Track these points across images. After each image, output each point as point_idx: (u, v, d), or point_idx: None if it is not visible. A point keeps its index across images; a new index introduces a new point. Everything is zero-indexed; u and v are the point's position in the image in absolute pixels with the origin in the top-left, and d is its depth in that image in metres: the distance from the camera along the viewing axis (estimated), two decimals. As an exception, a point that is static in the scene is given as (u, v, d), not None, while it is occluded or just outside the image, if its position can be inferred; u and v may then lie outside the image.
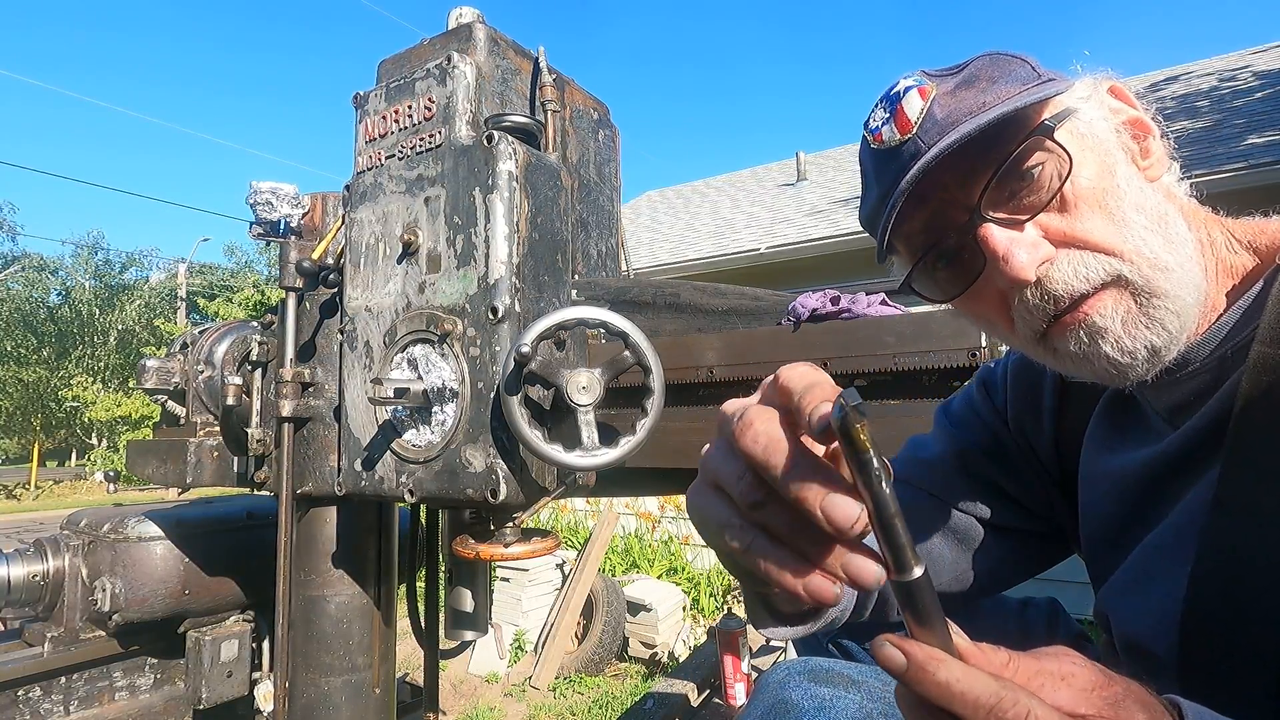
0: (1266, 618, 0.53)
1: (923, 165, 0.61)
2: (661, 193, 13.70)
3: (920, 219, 0.66)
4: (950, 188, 0.64)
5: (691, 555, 6.36)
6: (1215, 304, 0.64)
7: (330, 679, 1.50)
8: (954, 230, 0.65)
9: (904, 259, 0.71)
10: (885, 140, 0.66)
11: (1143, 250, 0.60)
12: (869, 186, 0.71)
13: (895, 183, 0.64)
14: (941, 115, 0.62)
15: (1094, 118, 0.64)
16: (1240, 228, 0.67)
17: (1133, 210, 0.61)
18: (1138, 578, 0.67)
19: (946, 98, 0.63)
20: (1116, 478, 0.71)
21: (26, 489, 21.77)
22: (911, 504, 0.87)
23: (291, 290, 1.43)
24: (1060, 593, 0.94)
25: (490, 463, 1.12)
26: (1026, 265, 0.60)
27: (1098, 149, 0.63)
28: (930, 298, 0.71)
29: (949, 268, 0.67)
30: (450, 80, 1.24)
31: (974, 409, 0.89)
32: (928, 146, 0.62)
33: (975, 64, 0.65)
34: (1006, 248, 0.61)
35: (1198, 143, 6.15)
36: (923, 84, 0.65)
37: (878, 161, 0.67)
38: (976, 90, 0.63)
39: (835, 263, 6.72)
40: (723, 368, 1.27)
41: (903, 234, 0.68)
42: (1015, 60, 0.65)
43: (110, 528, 1.75)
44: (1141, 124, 0.67)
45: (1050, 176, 0.61)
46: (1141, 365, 0.61)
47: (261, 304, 14.60)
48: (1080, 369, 0.64)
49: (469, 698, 4.32)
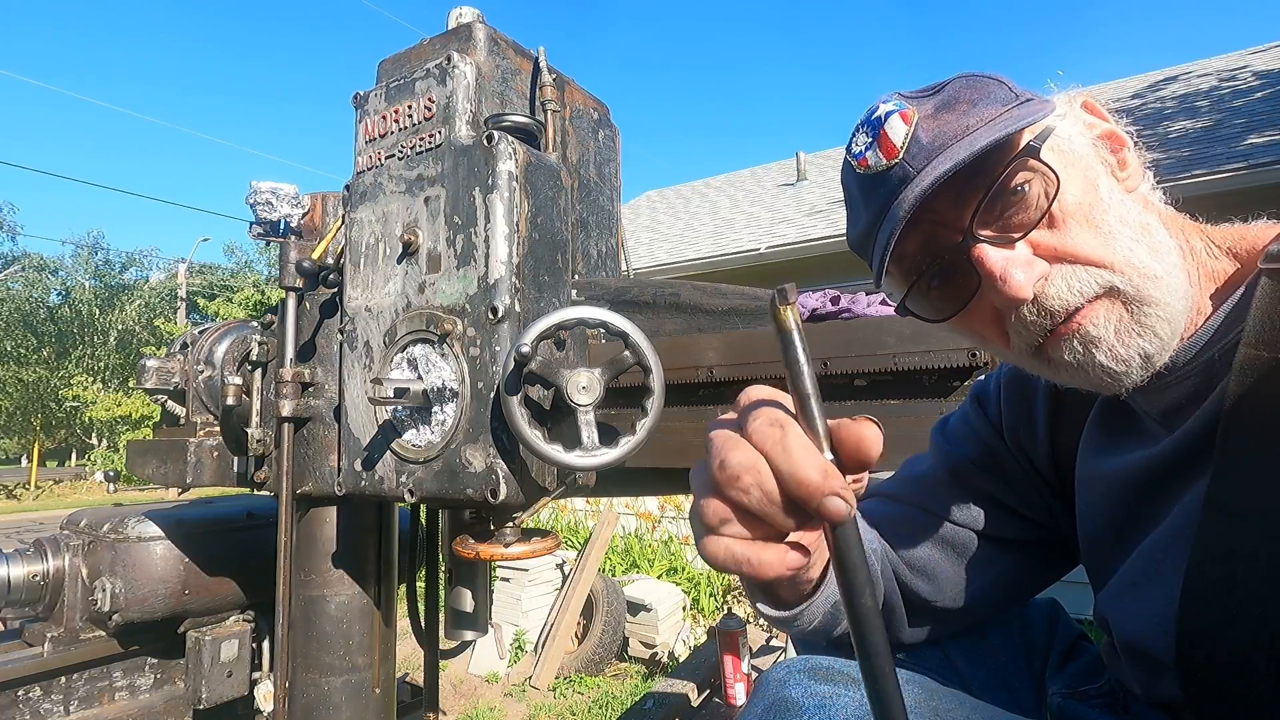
0: (1261, 617, 0.53)
1: (920, 193, 0.62)
2: (661, 193, 13.70)
3: (913, 242, 0.67)
4: (941, 210, 0.65)
5: (691, 555, 6.35)
6: (1200, 309, 0.65)
7: (330, 679, 1.50)
8: (947, 251, 0.66)
9: (898, 280, 0.72)
10: (871, 165, 0.66)
11: (1131, 260, 0.61)
12: (856, 211, 0.72)
13: (886, 207, 0.65)
14: (927, 140, 0.63)
15: (1072, 134, 0.66)
16: (1219, 234, 0.68)
17: (1118, 222, 0.63)
18: (1135, 580, 0.67)
19: (929, 121, 0.64)
20: (1112, 481, 0.72)
21: (26, 489, 21.77)
22: (904, 520, 0.88)
23: (291, 290, 1.43)
24: (1060, 593, 0.94)
25: (490, 463, 1.12)
26: (1024, 284, 0.61)
27: (1079, 165, 0.64)
28: (925, 318, 0.72)
29: (943, 288, 0.68)
30: (450, 80, 1.24)
31: (968, 424, 0.90)
32: (916, 171, 0.63)
33: (952, 86, 0.66)
34: (1003, 267, 0.62)
35: (1198, 143, 6.15)
36: (903, 108, 0.66)
37: (865, 186, 0.68)
38: (958, 113, 0.64)
39: (835, 263, 6.72)
40: (723, 368, 1.27)
41: (896, 257, 0.68)
42: (992, 81, 0.66)
43: (110, 528, 1.76)
44: (1116, 137, 0.68)
45: (1038, 195, 0.62)
46: (1135, 372, 0.62)
47: (261, 304, 14.61)
48: (1076, 379, 0.65)
49: (469, 698, 4.32)
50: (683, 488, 1.29)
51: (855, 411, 1.17)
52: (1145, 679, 0.67)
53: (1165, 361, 0.62)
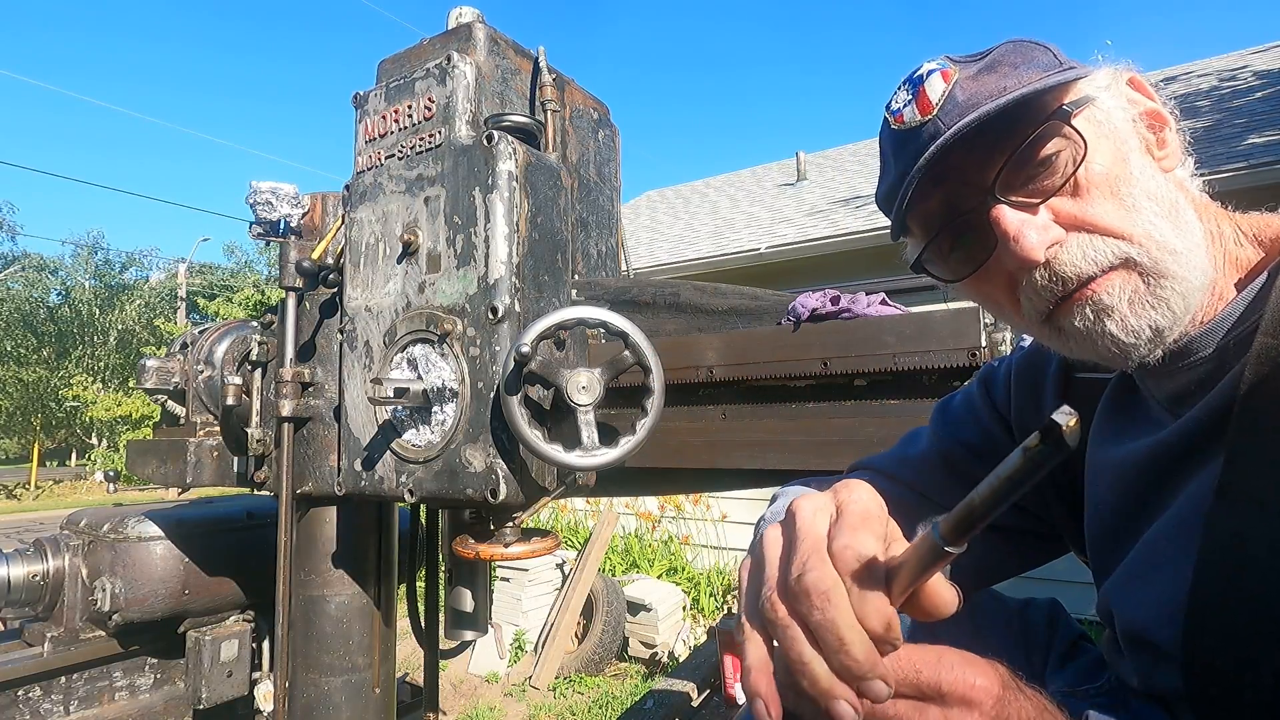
0: (1271, 606, 0.53)
1: (941, 143, 0.62)
2: (661, 193, 13.69)
3: (936, 199, 0.67)
4: (966, 169, 0.65)
5: (691, 555, 6.35)
6: (1222, 295, 0.64)
7: (330, 679, 1.50)
8: (968, 211, 0.66)
9: (917, 238, 0.72)
10: (906, 121, 0.67)
11: (1152, 234, 0.61)
12: (887, 166, 0.73)
13: (913, 162, 0.65)
14: (963, 98, 0.64)
15: (1112, 107, 0.65)
16: (1247, 222, 0.68)
17: (1144, 197, 0.62)
18: (1142, 568, 0.67)
19: (969, 81, 0.64)
20: (1120, 468, 0.71)
21: (26, 489, 21.76)
22: (894, 499, 0.88)
23: (291, 290, 1.42)
24: (1060, 593, 0.94)
25: (490, 463, 1.12)
26: (1036, 246, 0.61)
27: (1113, 137, 0.64)
28: (940, 277, 0.72)
29: (961, 248, 0.69)
30: (450, 80, 1.24)
31: (971, 407, 0.90)
32: (947, 128, 0.63)
33: (999, 50, 0.67)
34: (1018, 229, 0.62)
35: (1198, 143, 6.12)
36: (946, 68, 0.66)
37: (897, 142, 0.69)
38: (999, 75, 0.64)
39: (835, 263, 6.71)
40: (723, 368, 1.27)
41: (918, 213, 0.69)
42: (1038, 47, 0.66)
43: (110, 528, 1.75)
44: (1159, 116, 0.68)
45: (1065, 161, 0.62)
46: (1144, 346, 0.62)
47: (261, 304, 14.61)
48: (1084, 348, 0.65)
49: (469, 698, 4.32)
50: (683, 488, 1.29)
51: (855, 412, 1.18)
52: (1145, 669, 0.67)
53: (1176, 338, 0.62)
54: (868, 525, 0.51)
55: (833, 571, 0.48)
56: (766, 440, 1.23)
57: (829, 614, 0.46)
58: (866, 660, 0.45)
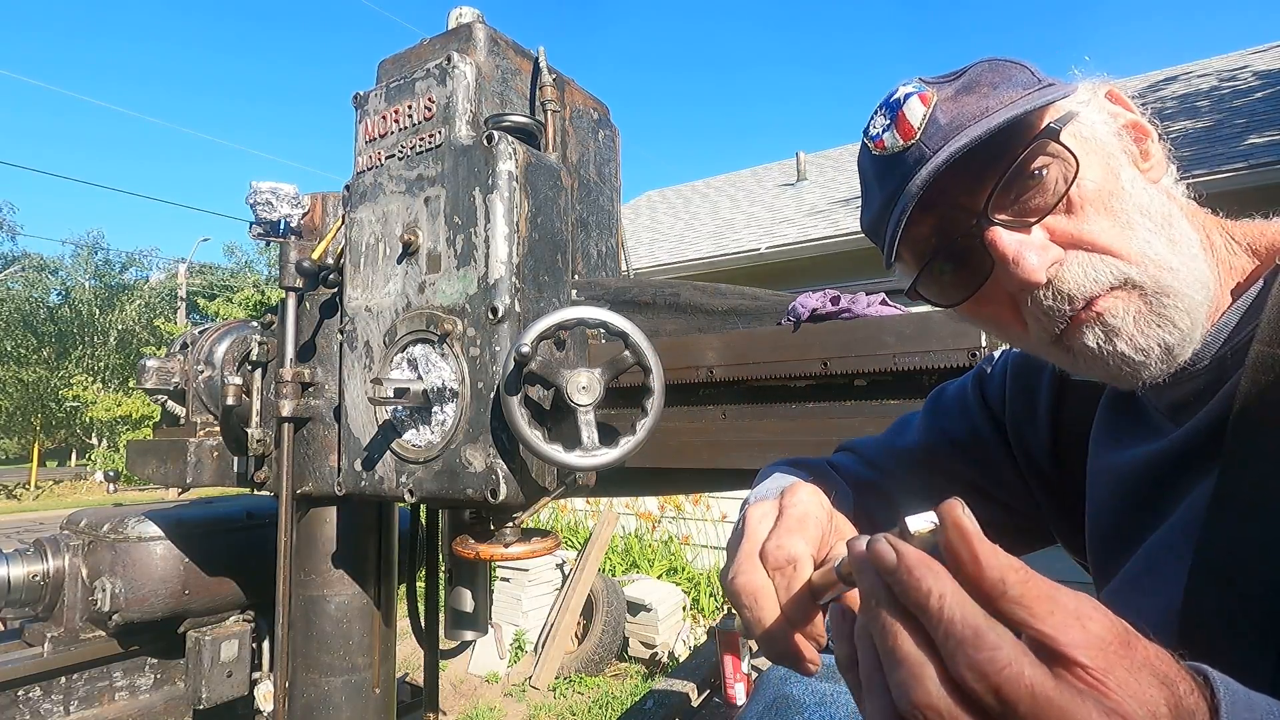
0: (1263, 616, 0.53)
1: (933, 169, 0.61)
2: (661, 193, 13.70)
3: (926, 224, 0.66)
4: (956, 193, 0.64)
5: (691, 555, 6.36)
6: (1219, 305, 0.64)
7: (330, 679, 1.50)
8: (960, 234, 0.65)
9: (909, 264, 0.71)
10: (888, 146, 0.66)
11: (1148, 253, 0.60)
12: (871, 193, 0.71)
13: (900, 189, 0.65)
14: (945, 121, 0.63)
15: (1095, 121, 0.65)
16: (1239, 229, 0.67)
17: (1137, 213, 0.62)
18: (1140, 576, 0.67)
19: (948, 103, 0.64)
20: (1120, 473, 0.71)
21: (26, 489, 21.78)
22: (873, 488, 0.89)
23: (291, 290, 1.43)
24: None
25: (490, 463, 1.12)
26: (1037, 268, 0.60)
27: (1101, 152, 0.63)
28: (936, 303, 0.71)
29: (955, 272, 0.68)
30: (450, 80, 1.24)
31: (962, 403, 0.90)
32: (932, 152, 0.62)
33: (974, 70, 0.66)
34: (1016, 250, 0.61)
35: (1198, 143, 6.15)
36: (923, 90, 0.65)
37: (880, 168, 0.68)
38: (978, 95, 0.63)
39: (835, 263, 6.71)
40: (723, 368, 1.27)
41: (909, 239, 0.68)
42: (1014, 66, 0.65)
43: (110, 528, 1.76)
44: (1140, 127, 0.67)
45: (1056, 179, 0.61)
46: (1155, 364, 0.61)
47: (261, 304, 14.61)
48: (1095, 369, 0.64)
49: (469, 698, 4.32)
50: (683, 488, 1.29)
51: (855, 412, 1.18)
52: None
53: (1187, 356, 0.61)
54: (802, 528, 0.57)
55: (762, 574, 0.56)
56: (766, 440, 1.23)
57: (756, 612, 0.55)
58: (790, 651, 0.54)
